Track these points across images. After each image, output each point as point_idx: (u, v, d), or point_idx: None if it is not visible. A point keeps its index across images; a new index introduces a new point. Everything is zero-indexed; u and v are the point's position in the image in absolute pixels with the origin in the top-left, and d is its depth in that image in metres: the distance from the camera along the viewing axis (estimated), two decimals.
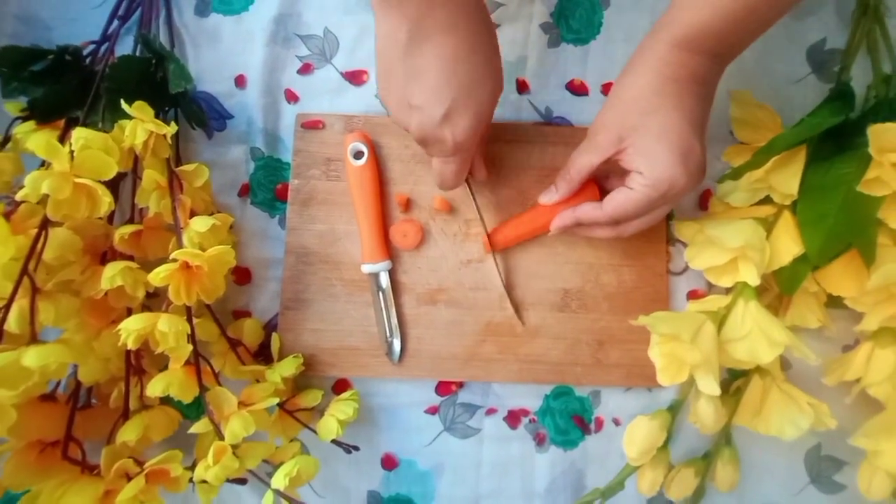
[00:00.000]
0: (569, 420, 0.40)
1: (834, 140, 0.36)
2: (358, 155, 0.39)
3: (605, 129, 0.32)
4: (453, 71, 0.28)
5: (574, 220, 0.35)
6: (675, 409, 0.37)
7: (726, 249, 0.35)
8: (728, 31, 0.29)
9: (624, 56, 0.42)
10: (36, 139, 0.30)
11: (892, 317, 0.34)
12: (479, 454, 0.40)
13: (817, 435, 0.39)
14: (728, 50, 0.31)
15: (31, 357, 0.27)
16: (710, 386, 0.32)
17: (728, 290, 0.37)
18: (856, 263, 0.34)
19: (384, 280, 0.39)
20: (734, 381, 0.39)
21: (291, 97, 0.42)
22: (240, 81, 0.42)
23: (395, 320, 0.39)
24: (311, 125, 0.41)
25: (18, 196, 0.29)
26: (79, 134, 0.30)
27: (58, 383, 0.34)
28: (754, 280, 0.34)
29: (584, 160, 0.33)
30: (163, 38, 0.41)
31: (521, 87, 0.42)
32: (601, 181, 0.37)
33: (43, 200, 0.29)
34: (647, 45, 0.31)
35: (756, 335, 0.33)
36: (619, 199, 0.32)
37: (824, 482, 0.39)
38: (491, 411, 0.40)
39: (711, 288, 0.40)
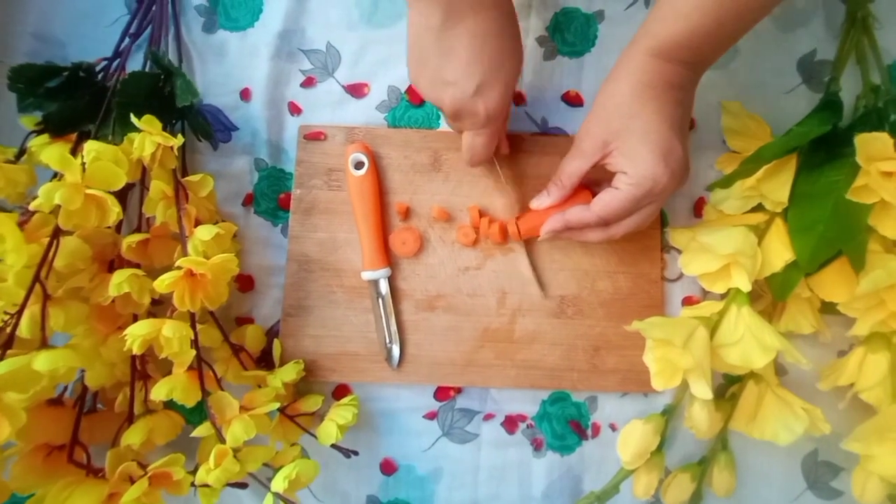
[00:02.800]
0: (566, 425, 0.40)
1: (824, 149, 0.36)
2: (358, 165, 0.40)
3: (590, 135, 0.33)
4: (483, 48, 0.31)
5: (564, 222, 0.36)
6: (668, 413, 0.37)
7: (719, 256, 0.35)
8: (699, 43, 0.31)
9: None
10: (49, 152, 0.31)
11: (883, 322, 0.34)
12: (477, 459, 0.40)
13: (814, 440, 0.39)
14: (701, 59, 0.32)
15: (42, 361, 0.28)
16: (702, 390, 0.33)
17: (722, 296, 0.37)
18: (847, 269, 0.35)
19: (384, 287, 0.40)
20: (730, 387, 0.39)
21: (295, 109, 0.43)
22: (245, 95, 0.43)
23: (394, 326, 0.40)
24: (313, 136, 0.42)
25: (32, 206, 0.30)
26: (90, 146, 0.31)
27: (65, 388, 0.35)
28: (746, 286, 0.34)
29: (573, 166, 0.35)
30: (171, 55, 0.42)
31: (518, 99, 0.43)
32: (592, 188, 0.37)
33: (55, 210, 0.31)
34: (626, 55, 0.33)
35: (749, 340, 0.34)
36: (606, 199, 0.33)
37: (821, 488, 0.39)
38: (489, 417, 0.40)
39: (706, 294, 0.40)
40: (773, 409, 0.35)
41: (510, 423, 0.40)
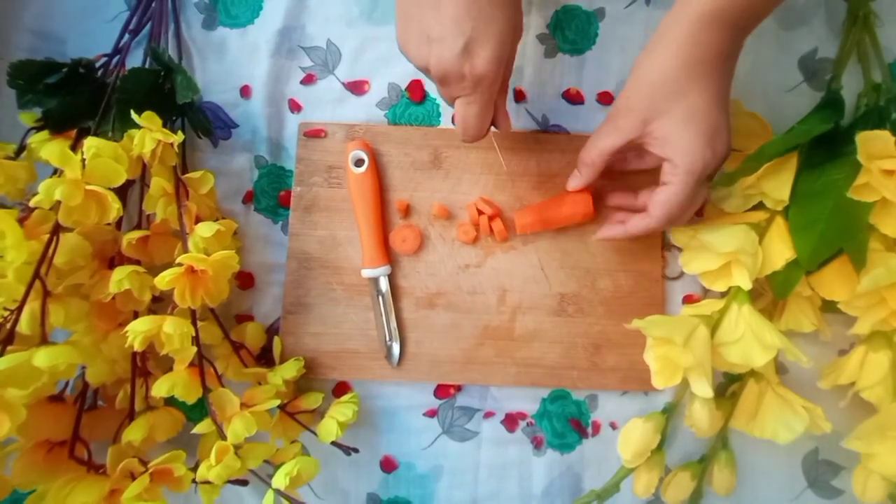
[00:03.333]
0: (566, 423, 0.40)
1: (825, 147, 0.36)
2: (359, 163, 0.40)
3: (630, 111, 0.31)
4: (472, 1, 0.28)
5: (625, 234, 0.35)
6: (669, 412, 0.37)
7: (720, 254, 0.35)
8: (754, 1, 0.28)
9: (619, 65, 0.43)
10: (49, 148, 0.31)
11: (884, 320, 0.34)
12: (477, 457, 0.40)
13: (815, 439, 0.39)
14: (753, 19, 0.30)
15: (42, 357, 0.28)
16: (703, 389, 0.33)
17: (723, 295, 0.37)
18: (848, 268, 0.35)
19: (384, 284, 0.40)
20: (730, 385, 0.39)
21: (295, 107, 0.43)
22: (245, 92, 0.43)
23: (394, 324, 0.40)
24: (313, 134, 0.42)
25: (32, 202, 0.30)
26: (90, 143, 0.31)
27: (66, 385, 0.35)
28: (747, 284, 0.34)
29: (607, 142, 0.32)
30: (171, 51, 0.42)
31: (519, 97, 0.43)
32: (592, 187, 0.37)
33: (55, 207, 0.31)
34: (671, 24, 0.30)
35: (749, 339, 0.33)
36: (663, 199, 0.32)
37: (822, 487, 0.39)
38: (489, 415, 0.40)
39: (707, 293, 0.40)
40: (774, 407, 0.35)
41: (510, 422, 0.40)
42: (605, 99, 0.43)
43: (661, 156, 0.31)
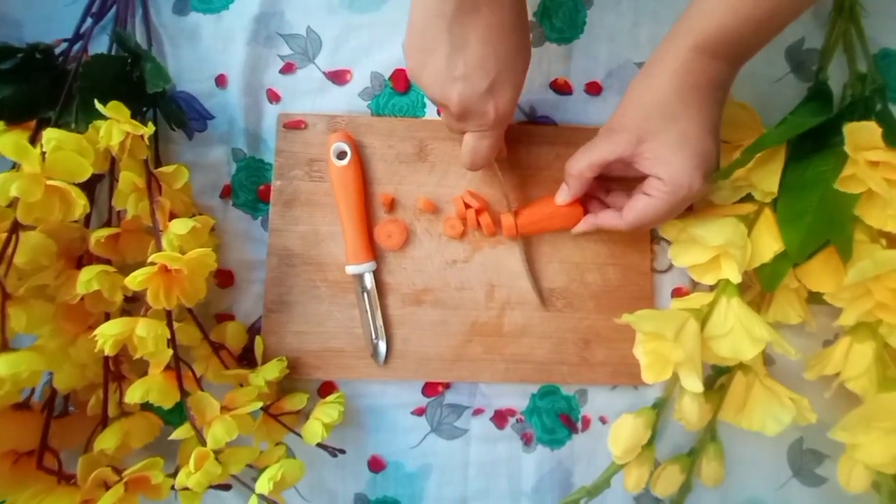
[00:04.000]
0: (556, 419, 0.40)
1: (812, 138, 0.36)
2: (341, 155, 0.39)
3: (625, 128, 0.32)
4: (498, 43, 0.29)
5: (595, 226, 0.36)
6: (659, 407, 0.37)
7: (709, 247, 0.35)
8: (748, 36, 0.30)
9: (607, 55, 0.42)
10: (4, 140, 0.29)
11: (869, 312, 0.34)
12: (466, 455, 0.40)
13: (800, 429, 0.40)
14: (746, 53, 0.31)
15: (2, 365, 0.27)
16: (693, 383, 0.32)
17: (712, 288, 0.37)
18: (834, 260, 0.35)
19: (369, 281, 0.39)
20: (718, 378, 0.39)
21: (273, 97, 0.41)
22: (220, 81, 0.41)
23: (380, 321, 0.38)
24: (293, 125, 0.40)
25: None
26: (50, 135, 0.29)
27: (32, 391, 0.33)
28: (736, 277, 0.34)
29: (597, 155, 0.33)
30: (139, 38, 0.40)
31: None
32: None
33: (13, 203, 0.29)
34: (668, 50, 0.31)
35: (738, 332, 0.33)
36: (639, 207, 0.33)
37: (806, 475, 0.40)
38: (478, 412, 0.40)
39: (696, 285, 0.40)
40: (762, 399, 0.35)
41: (499, 418, 0.40)
42: (594, 89, 0.42)
43: (651, 174, 0.32)
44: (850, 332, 0.36)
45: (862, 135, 0.33)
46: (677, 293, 0.41)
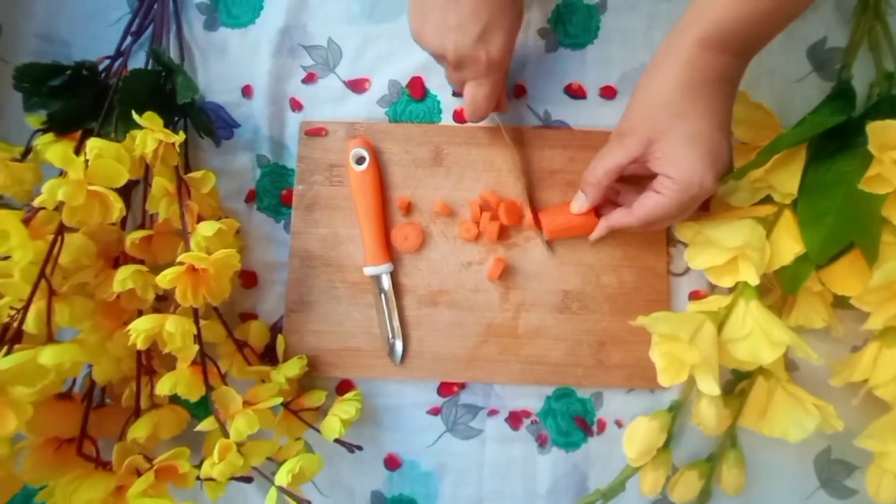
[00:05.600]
0: (571, 421, 0.40)
1: (835, 138, 0.35)
2: (360, 160, 0.40)
3: (634, 131, 0.32)
4: None
5: (607, 229, 0.37)
6: (675, 410, 0.36)
7: (726, 249, 0.35)
8: (754, 28, 0.29)
9: (621, 59, 0.43)
10: (54, 150, 0.31)
11: None
12: (481, 455, 0.40)
13: (827, 438, 0.39)
14: (753, 46, 0.31)
15: (47, 356, 0.29)
16: (709, 386, 0.32)
17: (730, 291, 0.36)
18: (860, 262, 0.34)
19: (386, 282, 0.40)
20: (739, 383, 0.38)
21: (296, 106, 0.43)
22: (247, 91, 0.43)
23: (396, 322, 0.39)
24: (314, 132, 0.42)
25: (36, 202, 0.31)
26: (92, 144, 0.32)
27: (73, 382, 0.35)
28: (754, 279, 0.33)
29: (612, 161, 0.33)
30: (173, 53, 0.42)
31: (520, 92, 0.43)
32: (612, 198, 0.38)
33: (59, 207, 0.31)
34: (672, 46, 0.31)
35: (757, 335, 0.33)
36: (650, 205, 0.33)
37: (835, 487, 0.39)
38: (493, 412, 0.40)
39: (714, 289, 0.40)
40: (784, 405, 0.34)
41: (514, 419, 0.40)
42: (608, 93, 0.42)
43: (662, 173, 0.32)
44: (878, 336, 0.35)
45: (888, 133, 0.32)
46: (694, 296, 0.40)
